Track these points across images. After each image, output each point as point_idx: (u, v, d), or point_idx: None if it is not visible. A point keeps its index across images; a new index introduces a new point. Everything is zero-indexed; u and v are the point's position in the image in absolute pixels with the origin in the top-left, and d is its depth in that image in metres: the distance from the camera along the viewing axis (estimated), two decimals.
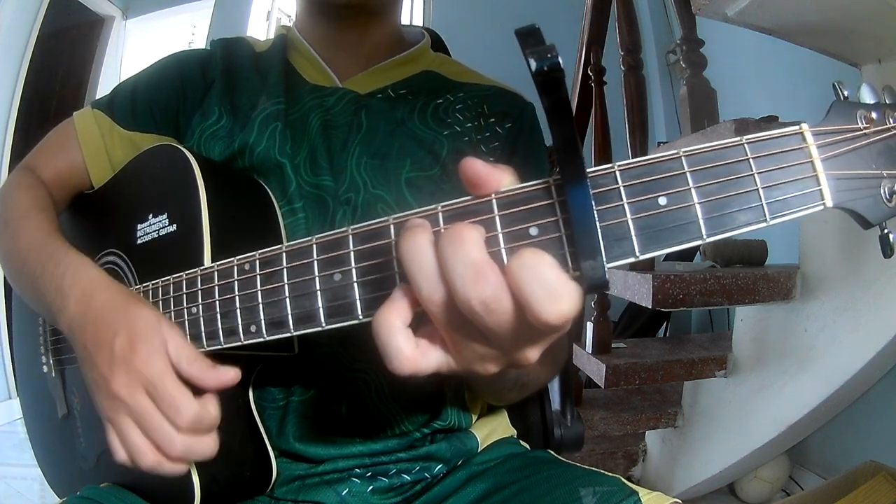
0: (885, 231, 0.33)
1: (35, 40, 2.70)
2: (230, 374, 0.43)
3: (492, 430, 0.67)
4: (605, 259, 0.29)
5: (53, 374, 0.65)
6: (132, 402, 0.41)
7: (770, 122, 1.20)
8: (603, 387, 1.44)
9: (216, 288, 0.43)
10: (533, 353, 0.32)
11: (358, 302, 0.36)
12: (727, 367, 1.45)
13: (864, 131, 0.32)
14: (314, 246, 0.38)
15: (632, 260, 0.31)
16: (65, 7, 2.90)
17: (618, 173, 0.31)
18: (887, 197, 0.32)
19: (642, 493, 0.51)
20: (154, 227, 0.53)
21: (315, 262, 0.37)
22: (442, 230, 0.32)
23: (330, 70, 0.66)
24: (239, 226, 0.53)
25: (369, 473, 0.57)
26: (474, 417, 0.66)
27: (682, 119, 1.63)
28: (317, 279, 0.37)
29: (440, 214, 0.33)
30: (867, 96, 0.33)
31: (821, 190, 0.31)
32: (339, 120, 0.63)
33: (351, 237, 0.36)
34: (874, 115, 0.32)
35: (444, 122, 0.65)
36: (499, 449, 0.63)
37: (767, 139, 0.31)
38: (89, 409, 0.60)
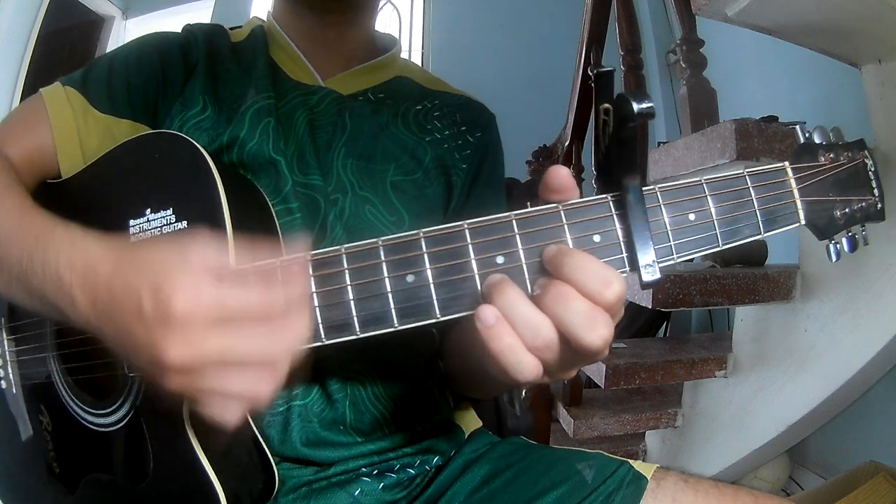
0: (833, 241, 0.44)
1: (35, 40, 2.70)
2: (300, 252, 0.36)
3: (468, 421, 0.70)
4: (657, 262, 0.36)
5: (14, 391, 0.57)
6: (204, 354, 0.33)
7: (770, 122, 1.20)
8: (603, 387, 1.44)
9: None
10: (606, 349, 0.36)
11: (435, 302, 0.37)
12: (727, 367, 1.45)
13: (824, 167, 0.43)
14: (380, 248, 0.38)
15: (671, 262, 0.38)
16: (65, 7, 2.90)
17: (659, 193, 0.39)
18: (839, 217, 0.43)
19: (631, 462, 0.54)
20: (154, 223, 0.47)
21: (384, 264, 0.37)
22: (524, 269, 0.37)
23: (312, 68, 0.65)
24: (251, 225, 0.48)
25: (376, 471, 0.58)
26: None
27: (682, 119, 1.63)
28: (387, 280, 0.37)
29: (514, 222, 0.37)
30: (818, 137, 0.44)
31: (798, 212, 0.42)
32: (323, 119, 0.62)
33: (423, 240, 0.37)
34: (831, 154, 0.43)
35: (425, 128, 0.66)
36: (480, 439, 0.65)
37: (762, 172, 0.41)
38: (65, 428, 0.54)
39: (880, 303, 1.14)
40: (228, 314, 0.33)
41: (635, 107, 0.34)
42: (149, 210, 0.47)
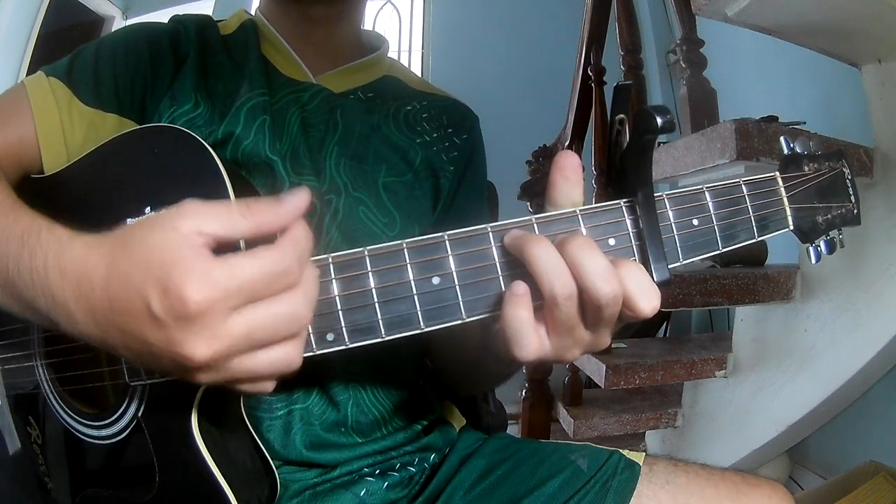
0: (815, 244, 0.47)
1: (35, 40, 2.69)
2: (300, 200, 0.34)
3: (456, 419, 0.70)
4: (667, 263, 0.39)
5: (0, 402, 0.55)
6: (232, 342, 0.31)
7: (770, 122, 1.20)
8: (603, 387, 1.44)
9: None
10: (608, 338, 0.39)
11: (461, 304, 0.38)
12: (727, 367, 1.45)
13: (808, 176, 0.46)
14: (405, 250, 0.38)
15: (677, 265, 0.41)
16: (65, 7, 2.89)
17: (666, 200, 0.41)
18: (821, 222, 0.47)
19: (620, 451, 0.57)
20: None
21: (408, 266, 0.38)
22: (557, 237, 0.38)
23: (303, 64, 0.64)
24: None
25: (378, 471, 0.58)
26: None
27: (682, 119, 1.63)
28: (412, 283, 0.38)
29: (535, 224, 0.39)
30: (800, 148, 0.47)
31: (787, 217, 0.45)
32: (315, 118, 0.61)
33: (448, 243, 0.38)
34: (814, 164, 0.47)
35: (415, 129, 0.66)
36: (469, 436, 0.66)
37: (757, 181, 0.44)
38: (58, 441, 0.51)
39: (880, 303, 1.14)
40: (246, 290, 0.31)
41: (659, 120, 0.36)
42: (148, 208, 0.44)
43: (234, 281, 0.30)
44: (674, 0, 1.76)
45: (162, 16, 0.65)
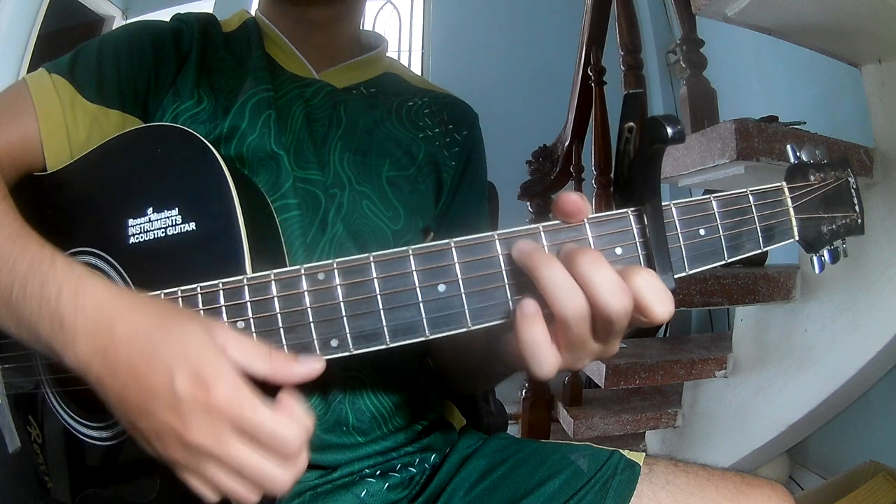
0: (819, 254, 0.47)
1: (35, 40, 2.70)
2: (316, 365, 0.37)
3: (456, 419, 0.71)
4: (673, 273, 0.39)
5: (0, 401, 0.54)
6: (223, 452, 0.34)
7: (770, 122, 1.20)
8: (603, 387, 1.44)
9: (276, 300, 0.38)
10: (617, 346, 0.39)
11: (466, 312, 0.37)
12: (727, 367, 1.45)
13: (814, 185, 0.46)
14: (411, 256, 0.38)
15: (683, 274, 0.41)
16: (65, 7, 2.89)
17: (674, 209, 0.41)
18: (825, 232, 0.46)
19: (621, 451, 0.57)
20: (157, 224, 0.44)
21: (414, 273, 0.37)
22: (564, 247, 0.38)
23: (305, 60, 0.65)
24: (256, 226, 0.45)
25: (379, 472, 0.58)
26: None
27: (682, 119, 1.63)
28: (418, 290, 0.37)
29: (542, 233, 0.39)
30: (805, 156, 0.47)
31: (792, 228, 0.44)
32: (319, 113, 0.62)
33: (454, 250, 0.37)
34: (820, 174, 0.46)
35: (417, 124, 0.67)
36: (470, 436, 0.66)
37: (763, 191, 0.43)
38: (58, 441, 0.51)
39: (880, 303, 1.14)
40: (255, 428, 0.34)
41: (669, 131, 0.36)
42: (150, 209, 0.44)
43: (250, 411, 0.34)
44: (674, 0, 1.76)
45: (162, 15, 0.65)
